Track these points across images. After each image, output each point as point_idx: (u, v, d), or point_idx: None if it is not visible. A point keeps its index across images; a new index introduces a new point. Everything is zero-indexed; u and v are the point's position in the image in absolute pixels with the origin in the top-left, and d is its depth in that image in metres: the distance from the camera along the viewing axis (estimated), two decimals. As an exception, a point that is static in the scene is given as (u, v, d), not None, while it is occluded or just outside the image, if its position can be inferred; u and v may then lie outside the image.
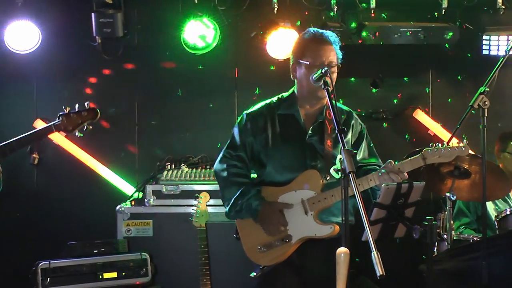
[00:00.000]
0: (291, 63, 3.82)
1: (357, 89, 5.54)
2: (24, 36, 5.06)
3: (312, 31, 3.79)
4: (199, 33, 5.17)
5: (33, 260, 4.54)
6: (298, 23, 5.24)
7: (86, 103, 4.04)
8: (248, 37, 5.34)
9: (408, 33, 5.11)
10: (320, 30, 3.80)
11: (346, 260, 2.74)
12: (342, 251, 2.76)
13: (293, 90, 3.86)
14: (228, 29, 5.32)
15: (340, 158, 3.02)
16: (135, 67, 5.53)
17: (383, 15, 5.40)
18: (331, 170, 3.65)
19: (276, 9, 5.18)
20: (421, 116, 5.48)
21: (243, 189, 3.73)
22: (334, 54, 3.71)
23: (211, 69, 5.46)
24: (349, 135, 3.82)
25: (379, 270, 2.71)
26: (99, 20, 5.05)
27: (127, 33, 5.26)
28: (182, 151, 5.45)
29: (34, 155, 5.31)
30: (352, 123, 3.85)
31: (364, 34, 5.13)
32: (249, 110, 3.90)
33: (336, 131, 3.14)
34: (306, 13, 5.36)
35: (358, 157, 3.81)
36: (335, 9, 5.20)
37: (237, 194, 3.72)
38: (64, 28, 5.29)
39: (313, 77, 3.53)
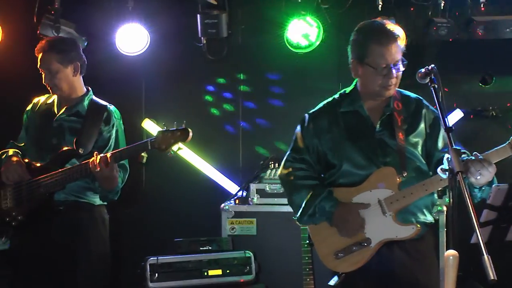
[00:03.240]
0: (349, 59, 3.52)
1: (466, 85, 5.37)
2: (134, 38, 5.23)
3: (371, 26, 3.49)
4: (303, 31, 5.18)
5: (142, 256, 4.65)
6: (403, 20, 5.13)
7: (184, 122, 3.87)
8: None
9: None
10: (380, 23, 3.46)
11: (455, 263, 2.64)
12: (451, 253, 2.66)
13: (355, 85, 3.58)
14: (331, 27, 5.28)
15: (448, 158, 2.92)
16: (239, 67, 5.60)
17: (493, 9, 5.19)
18: (438, 170, 3.46)
19: (380, 6, 5.10)
20: (533, 113, 5.26)
21: (313, 191, 3.44)
22: (399, 50, 3.39)
23: (314, 68, 5.44)
24: (422, 125, 3.49)
25: (491, 275, 2.61)
26: (204, 21, 5.15)
27: (231, 33, 5.33)
28: (285, 150, 5.46)
29: (142, 154, 5.41)
30: (423, 112, 3.51)
31: (472, 29, 4.97)
32: (311, 111, 3.65)
33: (444, 130, 3.02)
34: (412, 9, 5.24)
35: (439, 146, 3.49)
36: (442, 4, 5.05)
37: (307, 198, 3.44)
38: (171, 30, 5.44)
39: (418, 77, 3.35)
